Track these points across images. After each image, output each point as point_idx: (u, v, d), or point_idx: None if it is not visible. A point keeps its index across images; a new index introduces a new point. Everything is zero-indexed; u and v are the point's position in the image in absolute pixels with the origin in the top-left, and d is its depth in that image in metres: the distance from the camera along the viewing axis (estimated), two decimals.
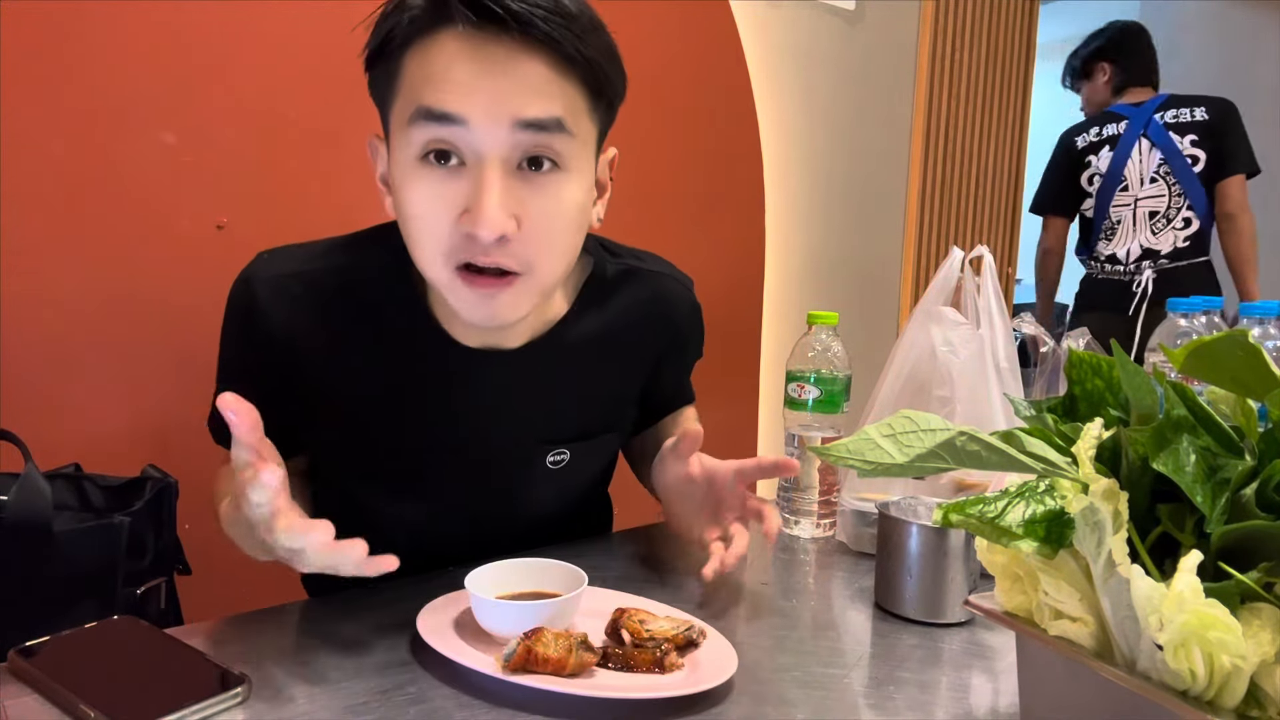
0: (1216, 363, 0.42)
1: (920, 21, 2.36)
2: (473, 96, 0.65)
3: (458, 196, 0.67)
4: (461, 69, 0.65)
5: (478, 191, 0.66)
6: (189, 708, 0.55)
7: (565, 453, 0.88)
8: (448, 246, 0.68)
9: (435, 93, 0.65)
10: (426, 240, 0.69)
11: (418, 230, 0.69)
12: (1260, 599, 0.40)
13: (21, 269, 1.09)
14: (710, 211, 1.91)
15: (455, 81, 0.65)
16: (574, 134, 0.69)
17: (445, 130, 0.66)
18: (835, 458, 0.47)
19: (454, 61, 0.65)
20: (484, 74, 0.65)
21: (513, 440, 0.85)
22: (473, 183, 0.66)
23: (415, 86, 0.67)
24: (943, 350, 0.94)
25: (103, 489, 0.92)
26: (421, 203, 0.68)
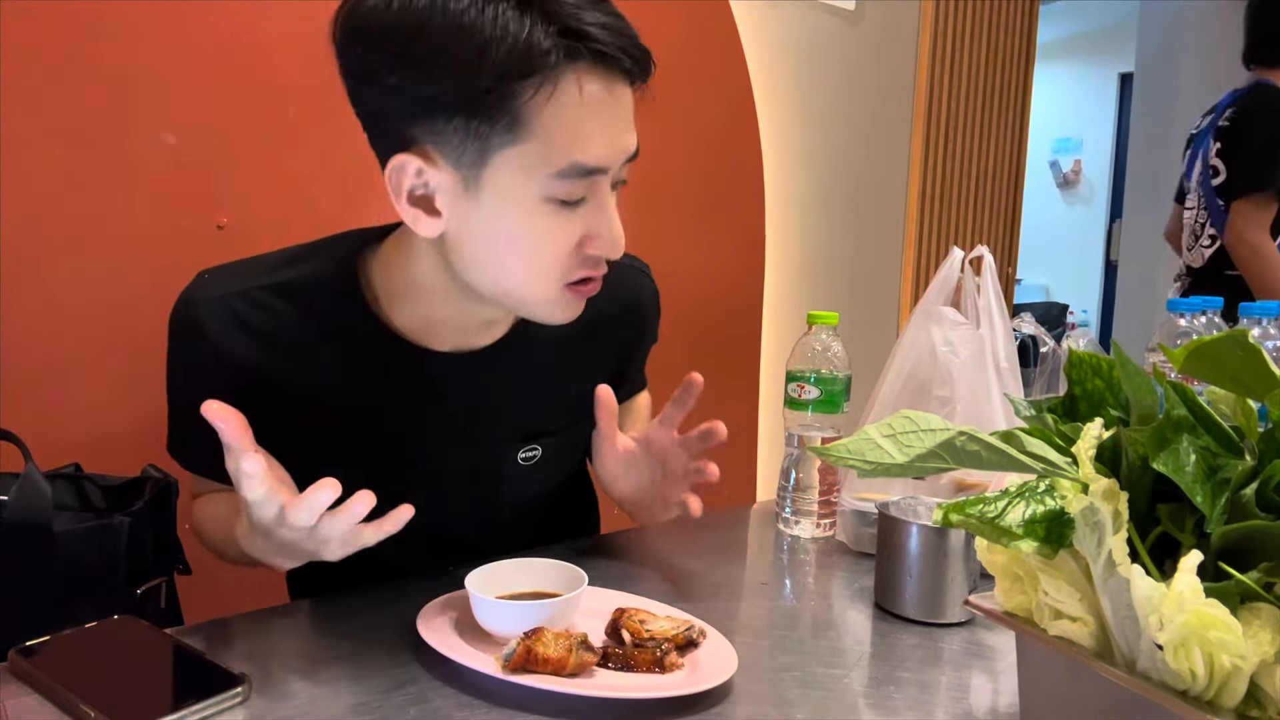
0: (1217, 363, 0.42)
1: (920, 21, 2.36)
2: (615, 146, 0.70)
3: (579, 223, 0.71)
4: (603, 121, 0.68)
5: (606, 219, 0.71)
6: (189, 708, 0.55)
7: (536, 449, 0.89)
8: (565, 269, 0.72)
9: (589, 149, 0.68)
10: (547, 268, 0.71)
11: (531, 259, 0.71)
12: (1260, 599, 0.40)
13: (21, 269, 1.09)
14: (710, 211, 1.91)
15: (603, 131, 0.68)
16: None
17: (588, 180, 0.69)
18: (835, 458, 0.47)
19: (594, 114, 0.68)
20: (617, 121, 0.70)
21: (482, 440, 0.86)
22: (594, 209, 0.71)
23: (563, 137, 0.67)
24: (943, 350, 0.94)
25: (103, 489, 0.92)
26: (545, 238, 0.70)
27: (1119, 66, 5.64)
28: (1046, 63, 4.33)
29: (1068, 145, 6.04)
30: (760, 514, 1.11)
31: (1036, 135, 2.86)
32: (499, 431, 0.86)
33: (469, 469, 0.86)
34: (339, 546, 0.65)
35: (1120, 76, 5.69)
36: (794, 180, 2.12)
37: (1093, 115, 5.91)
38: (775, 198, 2.06)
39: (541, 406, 0.88)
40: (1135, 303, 3.89)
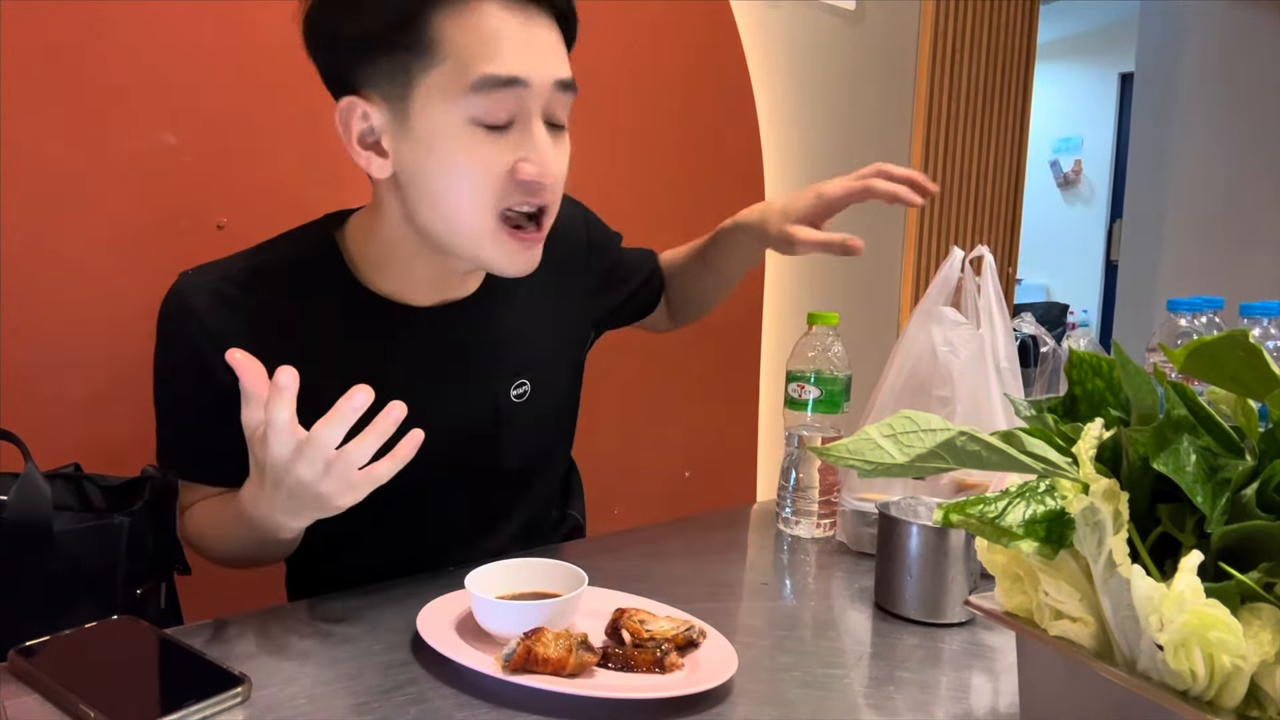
0: (1217, 363, 0.42)
1: (920, 22, 2.36)
2: (529, 60, 0.72)
3: (504, 152, 0.73)
4: (517, 35, 0.71)
5: (534, 144, 0.73)
6: (189, 708, 0.55)
7: (525, 384, 0.92)
8: (497, 197, 0.74)
9: (498, 59, 0.70)
10: (477, 195, 0.74)
11: (466, 187, 0.73)
12: (1260, 599, 0.40)
13: (21, 269, 1.09)
14: (710, 211, 1.90)
15: (514, 46, 0.71)
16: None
17: (507, 94, 0.71)
18: (835, 458, 0.47)
19: (505, 27, 0.71)
20: (532, 38, 0.72)
21: (474, 383, 0.89)
22: (520, 138, 0.73)
23: (472, 52, 0.70)
24: (943, 350, 0.94)
25: (103, 489, 0.91)
26: (472, 162, 0.73)
27: (1119, 66, 5.64)
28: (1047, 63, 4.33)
29: (1068, 145, 6.04)
30: (760, 514, 1.11)
31: (1037, 135, 2.86)
32: (489, 372, 0.90)
33: (465, 412, 0.89)
34: (347, 489, 0.65)
35: (1120, 76, 5.69)
36: (794, 180, 2.12)
37: (1093, 115, 5.91)
38: None
39: (524, 344, 0.92)
40: (1135, 303, 3.89)
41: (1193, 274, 3.78)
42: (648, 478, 1.80)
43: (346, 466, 0.63)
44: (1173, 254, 3.81)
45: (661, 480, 1.84)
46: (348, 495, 0.66)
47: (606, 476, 1.16)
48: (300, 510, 0.68)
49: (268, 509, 0.69)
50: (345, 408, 0.62)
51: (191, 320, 0.79)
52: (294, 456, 0.63)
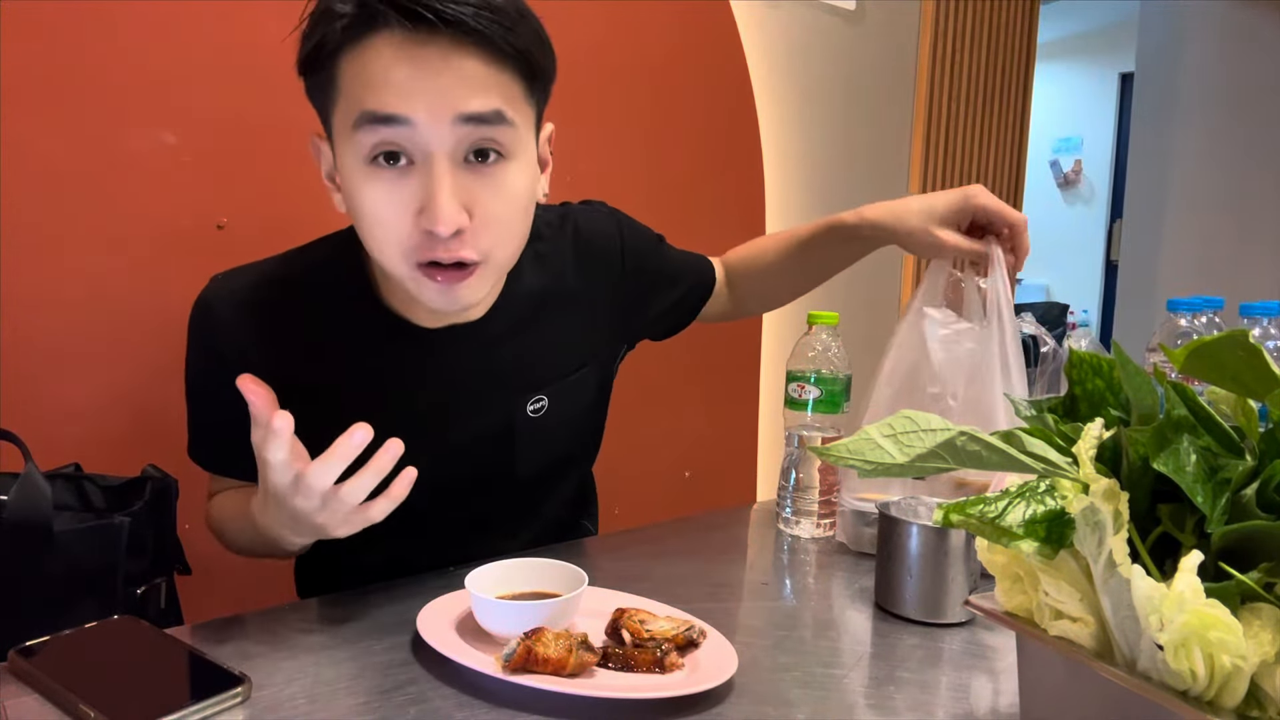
0: (1217, 363, 0.42)
1: (920, 22, 2.36)
2: (414, 97, 0.67)
3: (411, 196, 0.69)
4: (400, 71, 0.66)
5: (430, 189, 0.68)
6: (189, 708, 0.55)
7: (543, 399, 0.91)
8: (408, 246, 0.70)
9: (377, 96, 0.67)
10: (386, 241, 0.71)
11: (376, 231, 0.71)
12: (1261, 599, 0.40)
13: (21, 269, 1.09)
14: (710, 210, 1.91)
15: (395, 84, 0.66)
16: (514, 123, 0.71)
17: (391, 132, 0.67)
18: (836, 458, 0.47)
19: (392, 65, 0.67)
20: (422, 74, 0.67)
21: (491, 399, 0.89)
22: (423, 181, 0.68)
23: (355, 92, 0.68)
24: (934, 348, 0.94)
25: (103, 489, 0.92)
26: (376, 205, 0.70)
27: (1119, 66, 5.64)
28: (1047, 63, 4.33)
29: (1068, 145, 6.04)
30: (760, 514, 1.11)
31: (1037, 135, 2.86)
32: (504, 391, 0.89)
33: (482, 431, 0.89)
34: (343, 523, 0.66)
35: (1121, 76, 5.69)
36: (794, 180, 2.12)
37: (1093, 115, 5.91)
38: (774, 197, 2.06)
39: (543, 361, 0.91)
40: (1135, 303, 3.89)
41: (1193, 274, 3.78)
42: (648, 478, 1.80)
43: (342, 503, 0.64)
44: (1173, 254, 3.81)
45: (661, 480, 1.84)
46: (344, 528, 0.67)
47: (606, 476, 1.16)
48: (300, 532, 0.69)
49: (274, 523, 0.70)
50: (343, 446, 0.62)
51: (220, 329, 0.81)
52: (292, 490, 0.64)
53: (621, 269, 0.98)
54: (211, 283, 0.83)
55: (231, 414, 0.75)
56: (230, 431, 0.79)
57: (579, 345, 0.94)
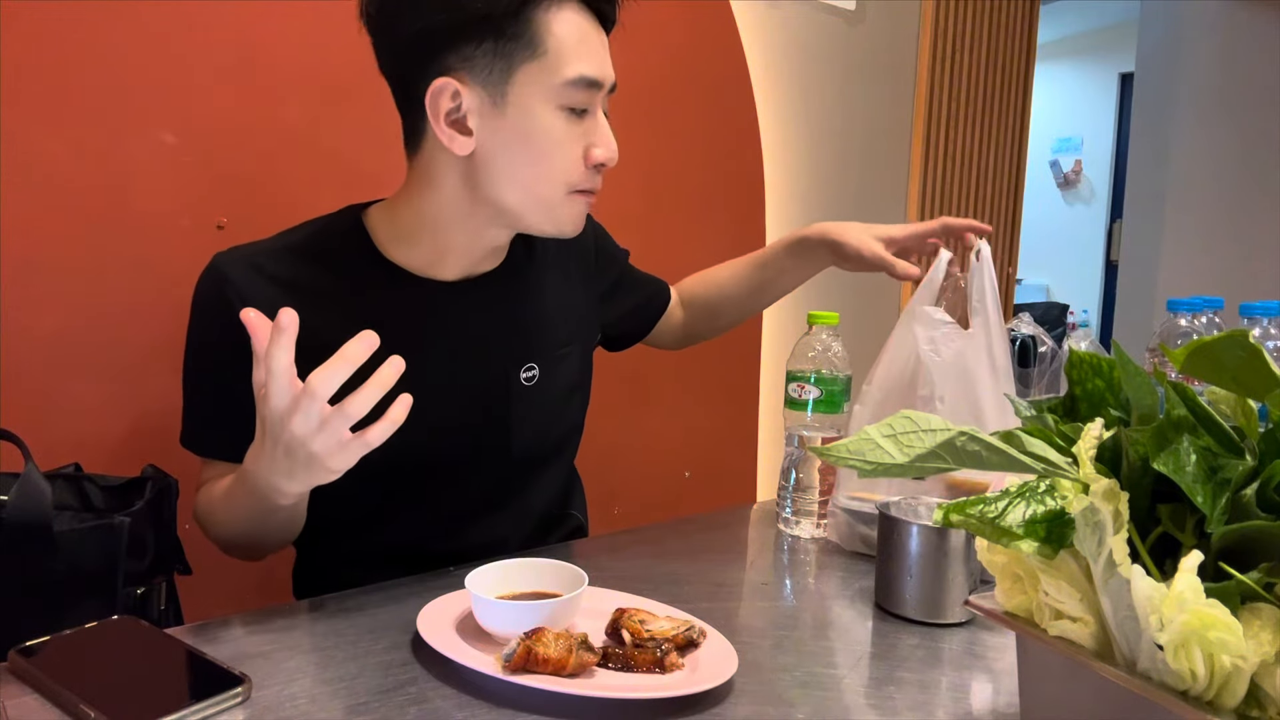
0: (1217, 363, 0.42)
1: (920, 22, 2.36)
2: (604, 65, 0.83)
3: (583, 135, 0.83)
4: (598, 42, 0.83)
5: (602, 132, 0.84)
6: (189, 708, 0.55)
7: (535, 368, 0.95)
8: (576, 175, 0.84)
9: (593, 64, 0.81)
10: (559, 170, 0.83)
11: (556, 162, 0.82)
12: (1261, 599, 0.40)
13: (22, 269, 1.09)
14: (710, 210, 1.91)
15: (597, 51, 0.82)
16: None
17: (593, 92, 0.82)
18: (836, 458, 0.47)
19: (591, 34, 0.82)
20: (604, 46, 0.84)
21: (489, 359, 0.92)
22: (593, 121, 0.84)
23: (569, 52, 0.80)
24: (925, 350, 0.94)
25: (103, 489, 0.92)
26: (563, 145, 0.82)
27: (1119, 66, 5.64)
28: (1047, 63, 4.33)
29: (1068, 145, 6.04)
30: (760, 514, 1.11)
31: (1037, 135, 2.85)
32: (503, 352, 0.94)
33: (478, 388, 0.92)
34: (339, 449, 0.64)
35: (1120, 76, 5.69)
36: (794, 180, 2.12)
37: (1093, 115, 5.91)
38: (775, 197, 2.06)
39: (536, 329, 0.97)
40: (1135, 303, 3.89)
41: (1193, 274, 3.78)
42: (648, 478, 1.80)
43: (341, 422, 0.63)
44: (1173, 254, 3.81)
45: (661, 480, 1.84)
46: (339, 456, 0.65)
47: (606, 476, 1.16)
48: (294, 471, 0.67)
49: (267, 469, 0.68)
50: (342, 355, 0.63)
51: (227, 288, 0.83)
52: (291, 407, 0.63)
53: (595, 259, 1.08)
54: (216, 256, 0.86)
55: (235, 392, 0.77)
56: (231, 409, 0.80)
57: (567, 319, 1.01)
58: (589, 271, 1.07)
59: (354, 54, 1.23)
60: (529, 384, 0.95)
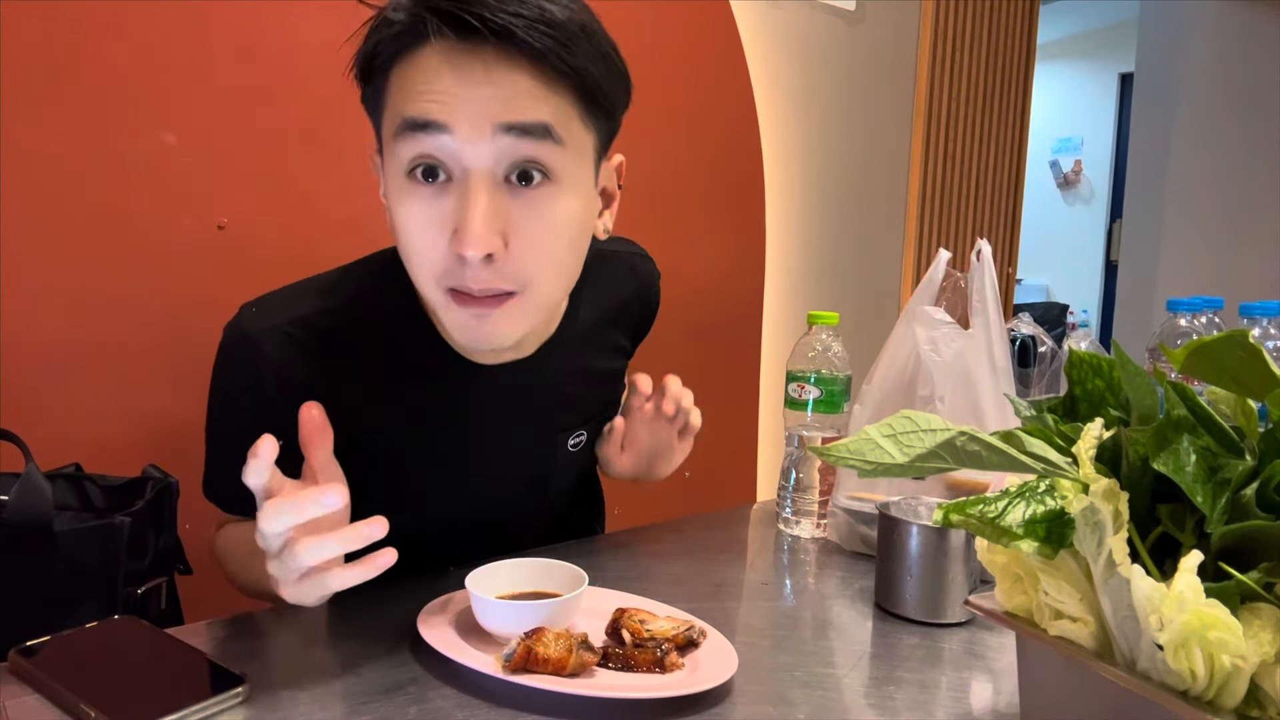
0: (1217, 363, 0.42)
1: (920, 22, 2.36)
2: (454, 104, 0.63)
3: (446, 216, 0.65)
4: (443, 79, 0.63)
5: (463, 207, 0.64)
6: (189, 708, 0.55)
7: (583, 434, 0.93)
8: (440, 269, 0.67)
9: (417, 103, 0.64)
10: (419, 261, 0.67)
11: (410, 250, 0.68)
12: (1260, 599, 0.40)
13: (22, 269, 1.09)
14: (710, 211, 1.91)
15: (437, 91, 0.63)
16: (564, 143, 0.66)
17: (429, 141, 0.64)
18: (836, 458, 0.47)
19: (436, 72, 0.64)
20: (465, 83, 0.63)
21: (536, 435, 0.88)
22: (458, 198, 0.64)
23: (399, 100, 0.65)
24: (925, 350, 0.94)
25: (103, 489, 0.92)
26: (411, 221, 0.66)
27: (1119, 66, 5.64)
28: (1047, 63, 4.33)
29: (1068, 145, 6.04)
30: (760, 514, 1.11)
31: (1037, 135, 2.85)
32: (549, 429, 0.89)
33: (522, 468, 0.89)
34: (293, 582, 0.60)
35: (1120, 76, 5.69)
36: (794, 180, 2.12)
37: (1093, 115, 5.91)
38: (775, 198, 2.06)
39: (584, 396, 0.92)
40: (1135, 303, 3.89)
41: (1193, 274, 3.78)
42: None
43: (294, 559, 0.58)
44: (1173, 254, 3.81)
45: (661, 480, 1.84)
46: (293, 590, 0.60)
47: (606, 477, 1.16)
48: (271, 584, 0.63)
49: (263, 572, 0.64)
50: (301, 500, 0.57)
51: (262, 364, 0.74)
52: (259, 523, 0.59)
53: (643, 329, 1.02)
54: (246, 313, 0.77)
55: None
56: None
57: (614, 386, 0.97)
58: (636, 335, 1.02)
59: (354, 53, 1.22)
60: (575, 450, 0.93)
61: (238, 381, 0.77)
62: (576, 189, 0.69)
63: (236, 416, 0.77)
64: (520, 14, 0.63)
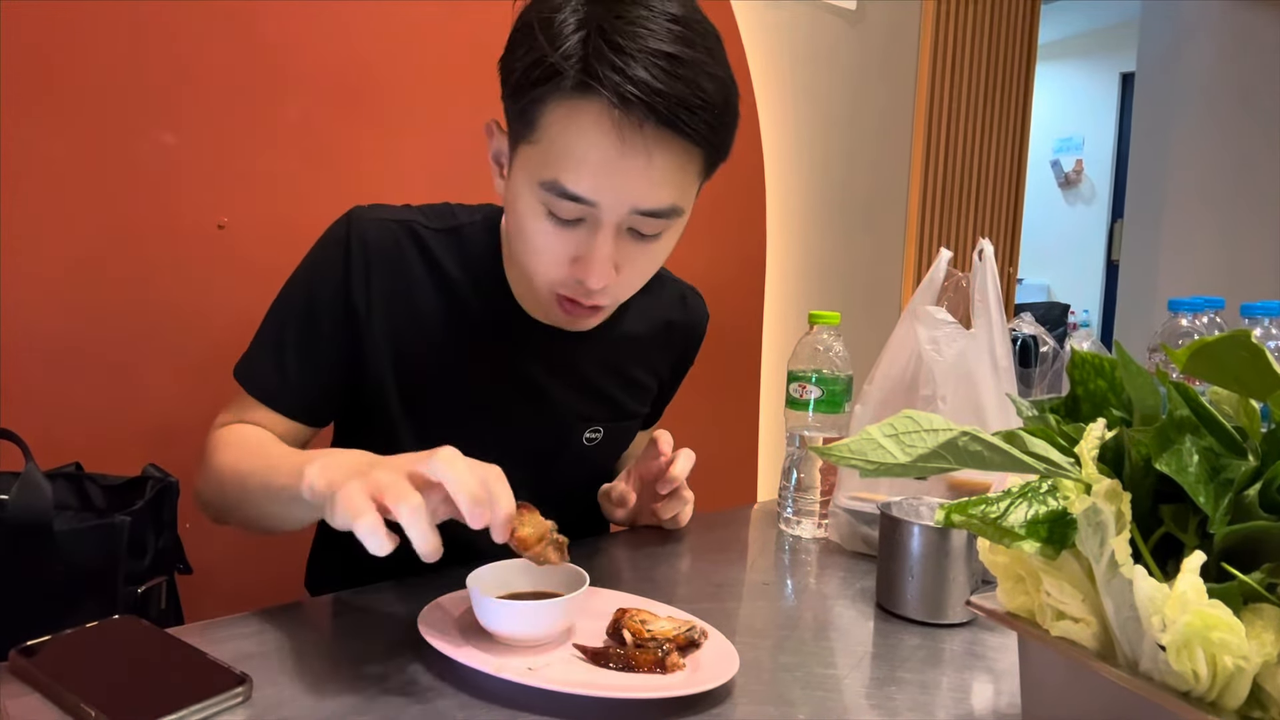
0: (1219, 363, 0.42)
1: (921, 21, 2.36)
2: (604, 185, 0.69)
3: (572, 244, 0.74)
4: (599, 154, 0.68)
5: (590, 250, 0.73)
6: (189, 708, 0.55)
7: (600, 430, 0.95)
8: (556, 280, 0.76)
9: (572, 174, 0.69)
10: (539, 268, 0.76)
11: (531, 256, 0.76)
12: (1263, 600, 0.40)
13: (21, 269, 1.09)
14: (711, 211, 1.90)
15: (591, 164, 0.68)
16: (683, 211, 0.76)
17: (574, 207, 0.71)
18: (837, 458, 0.47)
19: (593, 145, 0.68)
20: (619, 166, 0.68)
21: (559, 413, 0.91)
22: (588, 238, 0.73)
23: (555, 153, 0.70)
24: (927, 350, 0.94)
25: (103, 488, 0.92)
26: (538, 238, 0.74)
27: (1120, 66, 5.64)
28: (1047, 63, 4.33)
29: (1069, 145, 6.04)
30: (761, 514, 1.11)
31: (1038, 135, 2.85)
32: (574, 408, 0.92)
33: (540, 438, 0.92)
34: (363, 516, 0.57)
35: (1121, 76, 5.69)
36: (794, 180, 2.12)
37: (1094, 115, 5.91)
38: (775, 198, 2.06)
39: (613, 392, 0.96)
40: (1136, 303, 3.89)
41: (1193, 274, 3.78)
42: None
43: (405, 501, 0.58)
44: (1173, 254, 3.81)
45: None
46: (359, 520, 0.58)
47: None
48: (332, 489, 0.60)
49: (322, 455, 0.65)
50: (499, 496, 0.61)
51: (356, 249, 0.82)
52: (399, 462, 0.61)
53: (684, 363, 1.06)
54: (357, 208, 0.85)
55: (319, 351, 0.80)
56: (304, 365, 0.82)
57: (640, 398, 1.00)
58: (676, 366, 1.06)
59: (355, 54, 1.24)
60: (590, 444, 0.95)
61: (331, 257, 0.83)
62: (679, 228, 0.80)
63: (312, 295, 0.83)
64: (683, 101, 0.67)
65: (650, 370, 1.01)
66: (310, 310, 0.83)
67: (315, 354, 0.82)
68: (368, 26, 1.31)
